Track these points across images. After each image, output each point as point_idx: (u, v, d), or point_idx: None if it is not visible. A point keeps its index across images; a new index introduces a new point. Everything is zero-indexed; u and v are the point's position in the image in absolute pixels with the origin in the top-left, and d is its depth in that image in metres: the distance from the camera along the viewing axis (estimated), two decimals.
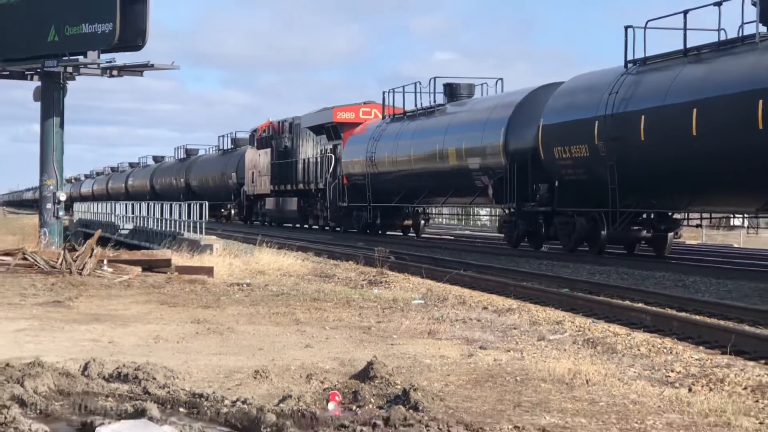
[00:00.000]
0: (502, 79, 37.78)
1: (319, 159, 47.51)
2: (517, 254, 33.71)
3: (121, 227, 47.31)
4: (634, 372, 11.91)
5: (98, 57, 27.99)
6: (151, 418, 8.50)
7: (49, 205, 29.52)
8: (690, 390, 10.78)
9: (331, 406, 9.51)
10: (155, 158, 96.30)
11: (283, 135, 53.95)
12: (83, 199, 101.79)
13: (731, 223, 56.42)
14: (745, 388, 10.86)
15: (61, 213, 30.62)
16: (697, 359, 12.81)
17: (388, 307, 18.04)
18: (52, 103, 28.91)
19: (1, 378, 10.24)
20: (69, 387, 10.15)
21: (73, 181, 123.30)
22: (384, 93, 42.76)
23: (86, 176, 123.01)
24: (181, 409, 9.39)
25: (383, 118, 42.76)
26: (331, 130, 45.88)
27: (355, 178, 43.49)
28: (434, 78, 38.60)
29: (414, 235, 44.09)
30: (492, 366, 11.86)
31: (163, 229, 40.79)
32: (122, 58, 28.74)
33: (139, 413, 8.71)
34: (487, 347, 13.37)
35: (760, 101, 23.87)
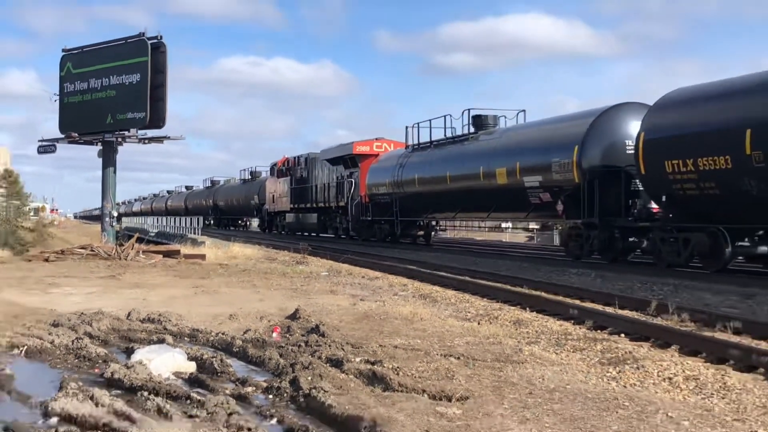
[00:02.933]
0: (524, 110, 28.53)
1: (335, 183, 39.80)
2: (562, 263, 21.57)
3: (150, 231, 46.83)
4: (448, 313, 11.98)
5: (136, 132, 27.81)
6: (168, 344, 8.47)
7: (107, 219, 29.15)
8: (479, 323, 10.90)
9: (274, 335, 9.51)
10: (187, 187, 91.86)
11: (299, 167, 46.46)
12: (134, 214, 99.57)
13: None
14: (509, 321, 11.03)
15: (114, 223, 30.27)
16: (483, 306, 12.89)
17: (308, 276, 18.00)
18: (109, 159, 28.57)
19: (79, 321, 10.12)
20: (119, 326, 10.04)
21: (126, 203, 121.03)
22: (407, 127, 33.82)
23: (135, 200, 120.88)
24: (186, 339, 9.36)
25: (406, 147, 33.64)
26: (349, 161, 37.97)
27: (379, 197, 34.54)
28: (468, 110, 29.13)
29: (424, 242, 34.90)
30: (367, 310, 11.89)
31: (176, 232, 40.76)
32: (151, 133, 28.39)
33: (161, 341, 8.66)
34: (364, 299, 13.38)
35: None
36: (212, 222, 71.52)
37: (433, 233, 36.36)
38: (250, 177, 63.77)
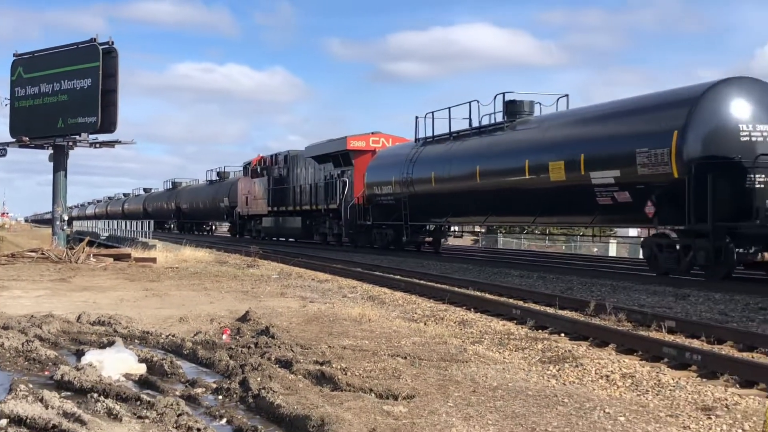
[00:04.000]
0: (567, 95, 23.11)
1: (324, 183, 34.68)
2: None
3: (101, 235, 46.08)
4: (395, 314, 12.01)
5: (87, 137, 27.38)
6: (118, 346, 8.35)
7: (57, 222, 28.61)
8: (425, 323, 10.95)
9: (224, 337, 9.43)
10: (145, 189, 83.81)
11: (276, 165, 41.28)
12: (88, 218, 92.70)
13: None
14: (454, 322, 11.11)
15: (65, 227, 29.76)
16: (429, 306, 12.95)
17: (258, 279, 17.90)
18: (60, 163, 28.07)
19: (28, 323, 9.93)
20: (69, 329, 9.88)
21: (79, 206, 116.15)
22: (417, 118, 28.26)
23: (89, 203, 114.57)
24: (136, 341, 9.25)
25: (416, 141, 28.34)
26: (341, 158, 32.88)
27: (382, 198, 29.44)
28: (503, 93, 23.58)
29: (432, 250, 30.05)
30: (316, 312, 11.86)
31: (127, 235, 40.13)
32: (102, 137, 27.99)
33: (111, 343, 8.54)
34: (314, 301, 13.36)
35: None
36: (174, 226, 66.70)
37: (442, 240, 31.08)
38: (217, 178, 58.04)
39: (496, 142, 23.33)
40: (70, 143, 27.80)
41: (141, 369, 7.43)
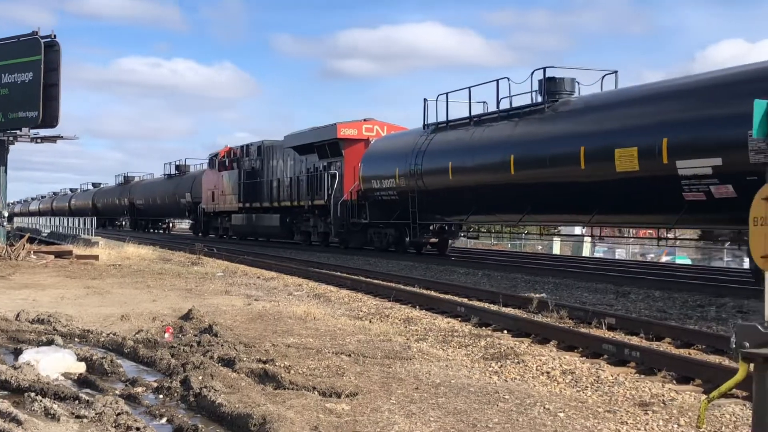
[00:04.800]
0: (617, 71, 19.34)
1: (306, 177, 30.83)
2: None
3: (43, 231, 45.11)
4: (341, 312, 12.01)
5: (28, 132, 26.86)
6: (57, 345, 8.22)
7: None
8: (370, 321, 10.98)
9: (166, 335, 9.33)
10: (94, 184, 76.83)
11: (248, 157, 37.46)
12: (31, 215, 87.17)
13: None
14: (399, 319, 11.15)
15: (5, 223, 29.13)
16: (375, 304, 12.97)
17: (202, 277, 17.73)
18: (0, 158, 27.55)
19: None
20: (7, 327, 9.67)
21: (21, 202, 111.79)
22: (426, 101, 24.26)
23: (33, 198, 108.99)
24: (76, 339, 9.11)
25: (424, 127, 24.40)
26: (328, 148, 29.13)
27: (382, 194, 25.63)
28: (542, 68, 19.67)
29: (436, 252, 26.49)
30: (261, 310, 11.80)
31: (69, 232, 39.31)
32: (43, 132, 27.45)
33: (50, 342, 8.40)
34: (259, 299, 13.28)
35: None
36: (126, 224, 62.48)
37: (450, 241, 27.62)
38: (176, 171, 52.47)
39: (535, 127, 19.42)
40: (11, 138, 27.26)
41: (80, 368, 7.31)
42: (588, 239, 34.20)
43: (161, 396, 6.48)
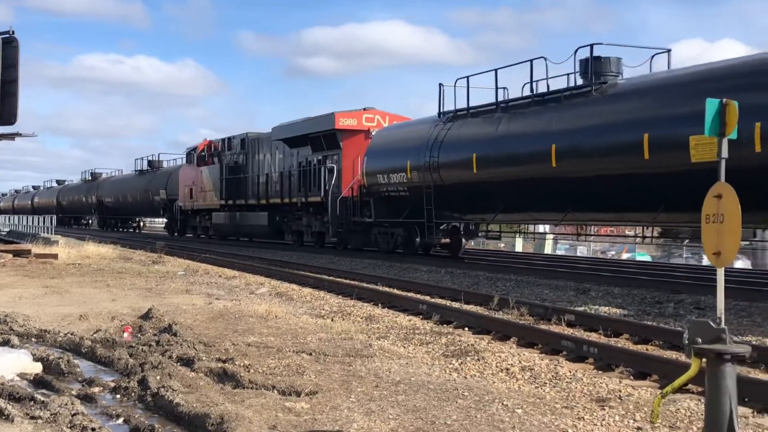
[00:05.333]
0: (669, 50, 16.78)
1: (298, 172, 28.08)
2: None
3: (2, 230, 44.45)
4: (303, 311, 11.97)
5: None
6: (13, 345, 8.11)
7: None
8: (332, 320, 10.95)
9: (125, 335, 9.24)
10: (58, 182, 72.92)
11: (230, 151, 34.37)
12: None
13: None
14: (361, 317, 11.14)
15: None
16: (337, 303, 12.95)
17: (163, 276, 17.58)
18: None
19: None
20: None
21: None
22: (442, 86, 21.38)
23: None
24: (33, 339, 9.00)
25: (439, 115, 21.53)
26: (324, 140, 26.35)
27: (390, 190, 22.70)
28: (589, 46, 16.89)
29: (448, 254, 23.43)
30: (222, 309, 11.72)
31: (29, 231, 38.72)
32: (1, 129, 26.99)
33: (6, 342, 8.29)
34: (220, 299, 13.20)
35: None
36: (93, 222, 59.64)
37: (464, 242, 24.40)
38: (148, 167, 49.21)
39: (581, 112, 16.71)
40: None
41: (36, 368, 7.21)
42: (550, 236, 33.82)
43: (118, 396, 6.42)
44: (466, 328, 10.15)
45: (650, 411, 5.74)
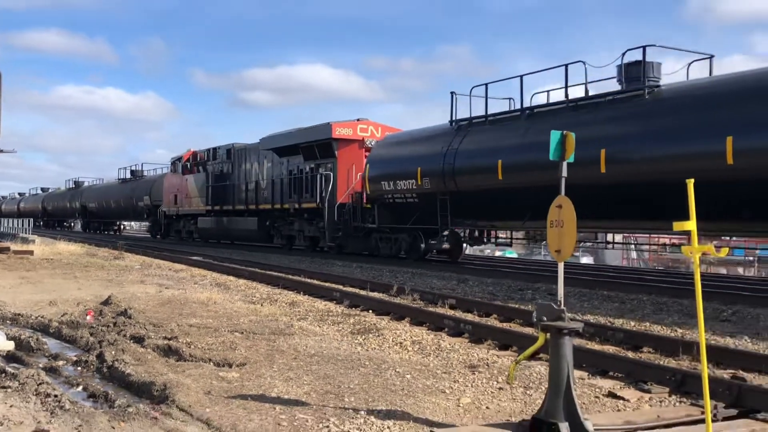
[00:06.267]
0: (713, 56, 13.51)
1: (290, 179, 24.69)
2: None
3: None
4: (237, 297, 11.77)
5: None
6: None
7: None
8: (261, 305, 10.82)
9: (88, 317, 8.95)
10: (42, 189, 67.50)
11: (215, 161, 30.84)
12: None
13: None
14: (286, 303, 11.01)
15: None
16: (267, 291, 12.77)
17: (123, 269, 17.07)
18: None
19: None
20: None
21: None
22: (454, 94, 18.23)
23: None
24: (8, 322, 8.62)
25: (451, 123, 18.31)
26: (317, 149, 23.27)
27: (396, 197, 19.42)
28: (643, 47, 13.49)
29: (448, 259, 20.22)
30: (170, 296, 11.47)
31: (10, 232, 36.91)
32: None
33: None
34: (169, 288, 12.89)
35: None
36: (75, 225, 55.23)
37: (465, 246, 21.06)
38: (131, 176, 45.61)
39: (636, 116, 13.36)
40: None
41: (9, 345, 6.91)
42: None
43: (79, 368, 6.22)
44: (371, 311, 10.16)
45: (509, 374, 5.88)
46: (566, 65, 14.82)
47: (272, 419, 4.67)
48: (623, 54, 13.98)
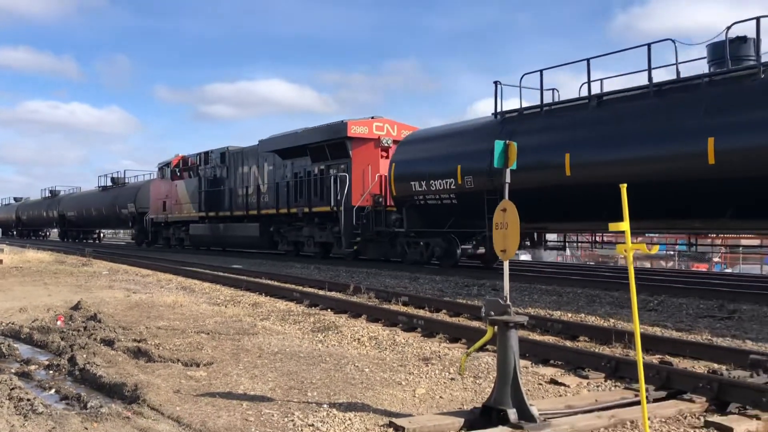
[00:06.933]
0: None
1: (297, 182, 21.96)
2: None
3: None
4: (202, 300, 11.57)
5: None
6: None
7: None
8: (226, 306, 10.67)
9: (59, 323, 8.68)
10: (16, 199, 62.42)
11: (207, 165, 27.74)
12: None
13: None
14: (249, 304, 10.87)
15: None
16: (230, 293, 12.58)
17: (91, 275, 16.61)
18: None
19: None
20: None
21: None
22: (498, 84, 14.74)
23: None
24: None
25: (496, 116, 15.03)
26: (327, 149, 20.53)
27: (429, 198, 16.45)
28: (757, 18, 10.11)
29: (481, 264, 17.71)
30: (138, 300, 11.21)
31: None
32: None
33: None
34: (137, 292, 12.61)
35: None
36: (52, 234, 52.11)
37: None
38: (111, 184, 41.78)
39: (746, 96, 10.67)
40: None
41: None
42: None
43: (51, 372, 6.03)
44: (329, 310, 10.10)
45: (460, 365, 5.92)
46: (649, 45, 12.06)
47: (240, 415, 4.60)
48: (727, 28, 11.28)
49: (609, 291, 11.47)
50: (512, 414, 4.14)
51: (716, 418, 4.46)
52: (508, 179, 4.71)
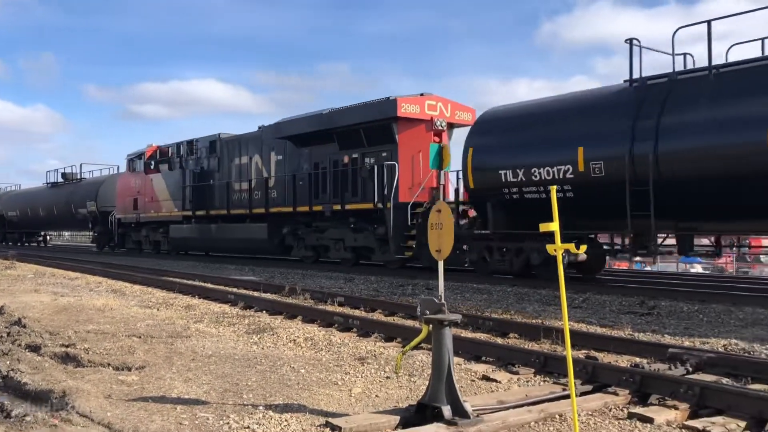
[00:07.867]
0: None
1: (320, 174, 18.21)
2: None
3: None
4: (134, 303, 11.21)
5: None
6: None
7: None
8: (158, 309, 10.38)
9: None
10: None
11: (192, 156, 23.60)
12: None
13: None
14: (182, 307, 10.61)
15: None
16: (163, 296, 12.22)
17: (15, 279, 15.85)
18: None
19: None
20: None
21: None
22: (633, 42, 11.09)
23: None
24: None
25: (631, 82, 11.39)
26: (363, 134, 16.79)
27: (529, 191, 12.44)
28: None
29: (578, 274, 13.50)
30: (66, 304, 10.75)
31: None
32: None
33: None
34: (65, 296, 12.09)
35: None
36: None
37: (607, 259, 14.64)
38: (62, 180, 35.91)
39: None
40: None
41: None
42: None
43: None
44: (264, 311, 9.99)
45: (395, 364, 5.94)
46: None
47: (174, 419, 4.47)
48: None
49: (536, 289, 11.75)
50: (446, 410, 4.18)
51: (638, 410, 4.63)
52: (443, 181, 4.77)
